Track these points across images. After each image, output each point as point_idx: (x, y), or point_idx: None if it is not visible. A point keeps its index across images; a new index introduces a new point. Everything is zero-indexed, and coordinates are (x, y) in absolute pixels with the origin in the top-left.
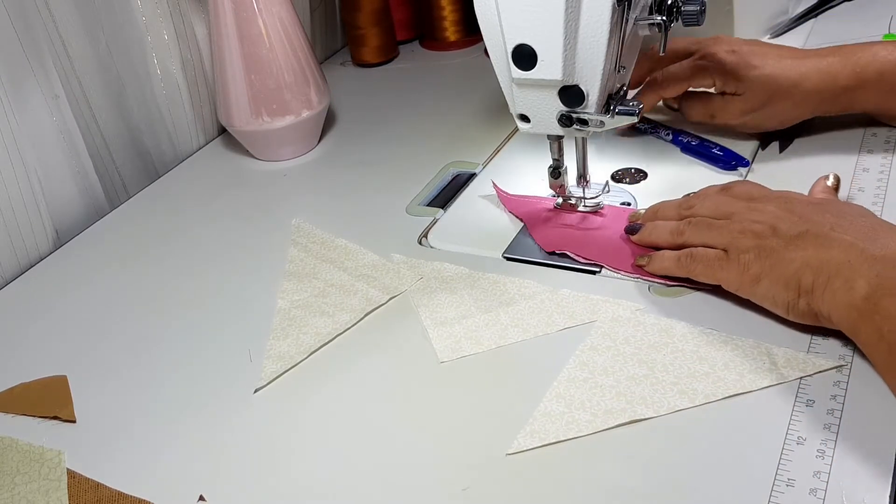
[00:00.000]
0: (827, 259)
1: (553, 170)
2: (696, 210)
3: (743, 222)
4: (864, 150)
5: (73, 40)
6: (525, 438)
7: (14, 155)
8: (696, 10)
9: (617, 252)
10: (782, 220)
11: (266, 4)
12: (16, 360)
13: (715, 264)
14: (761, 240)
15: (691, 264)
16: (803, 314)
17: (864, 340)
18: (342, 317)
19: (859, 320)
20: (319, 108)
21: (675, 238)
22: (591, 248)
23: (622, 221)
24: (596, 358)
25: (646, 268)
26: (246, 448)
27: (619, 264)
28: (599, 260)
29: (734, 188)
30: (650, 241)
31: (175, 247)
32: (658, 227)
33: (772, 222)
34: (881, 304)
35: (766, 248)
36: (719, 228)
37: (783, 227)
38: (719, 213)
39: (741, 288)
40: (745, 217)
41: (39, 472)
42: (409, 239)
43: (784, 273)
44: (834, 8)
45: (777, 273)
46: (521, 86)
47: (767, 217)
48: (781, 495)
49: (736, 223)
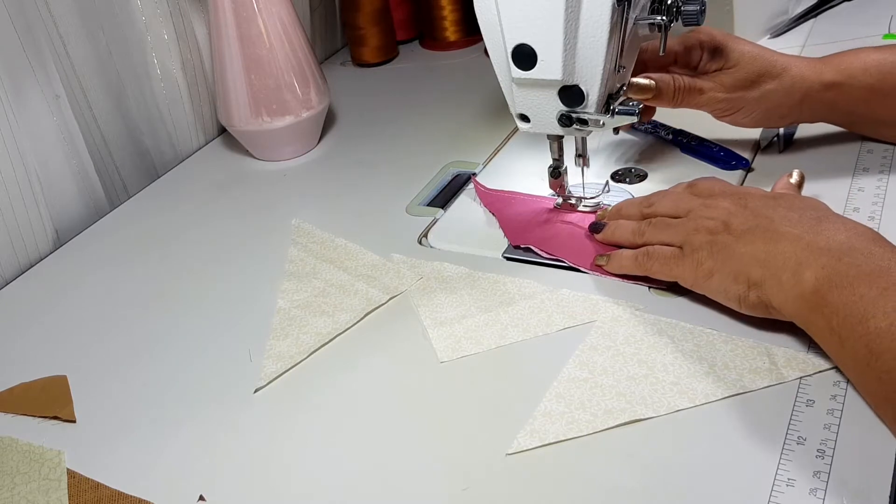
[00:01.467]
0: (775, 252)
1: (553, 170)
2: (655, 208)
3: (697, 219)
4: (863, 151)
5: (73, 40)
6: (525, 438)
7: (14, 155)
8: (696, 10)
9: (580, 249)
10: (734, 215)
11: (266, 4)
12: (16, 360)
13: (671, 262)
14: (714, 235)
15: (647, 262)
16: (754, 306)
17: (816, 333)
18: (342, 317)
19: (809, 313)
20: (319, 108)
21: (636, 238)
22: (555, 244)
23: (583, 218)
24: (596, 358)
25: (605, 267)
26: (246, 448)
27: (580, 261)
28: (562, 256)
29: (697, 185)
30: (613, 240)
31: (175, 247)
32: (620, 227)
33: (724, 218)
34: (828, 298)
35: (718, 244)
36: (675, 227)
37: (735, 222)
38: (677, 210)
39: (695, 283)
40: (700, 214)
41: (39, 472)
42: (409, 239)
43: (734, 267)
44: (834, 8)
45: (728, 268)
46: (521, 86)
47: (720, 213)
48: (781, 495)
49: (691, 220)
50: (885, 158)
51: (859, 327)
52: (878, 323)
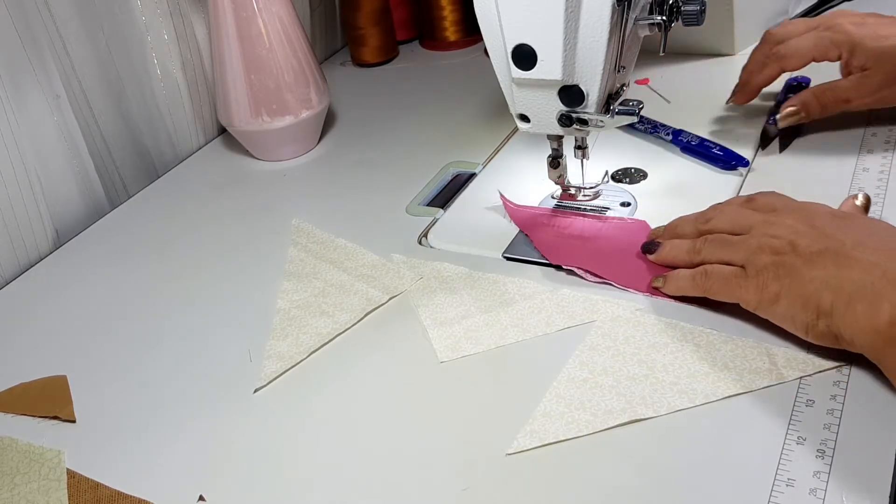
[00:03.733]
0: (848, 279)
1: (552, 160)
2: (713, 224)
3: (761, 237)
4: (863, 150)
5: (73, 40)
6: (525, 438)
7: (14, 155)
8: (696, 10)
9: (632, 270)
10: (802, 235)
11: (266, 4)
12: (16, 360)
13: (732, 282)
14: (780, 256)
15: (707, 282)
16: (822, 336)
17: (890, 368)
18: (342, 317)
19: (885, 346)
20: (319, 108)
21: (693, 257)
22: (603, 265)
23: (627, 232)
24: (596, 358)
25: (662, 289)
26: (246, 448)
27: (634, 284)
28: (612, 279)
29: (756, 199)
30: (668, 261)
31: (175, 247)
32: (675, 246)
33: (791, 237)
34: None
35: (784, 266)
36: (736, 244)
37: (803, 242)
38: (737, 227)
39: (759, 307)
40: (763, 231)
41: (39, 472)
42: (409, 239)
43: (803, 293)
44: (833, 8)
45: (796, 292)
46: (520, 86)
47: (786, 231)
48: (781, 495)
49: (754, 238)
50: (885, 158)
51: None
52: None
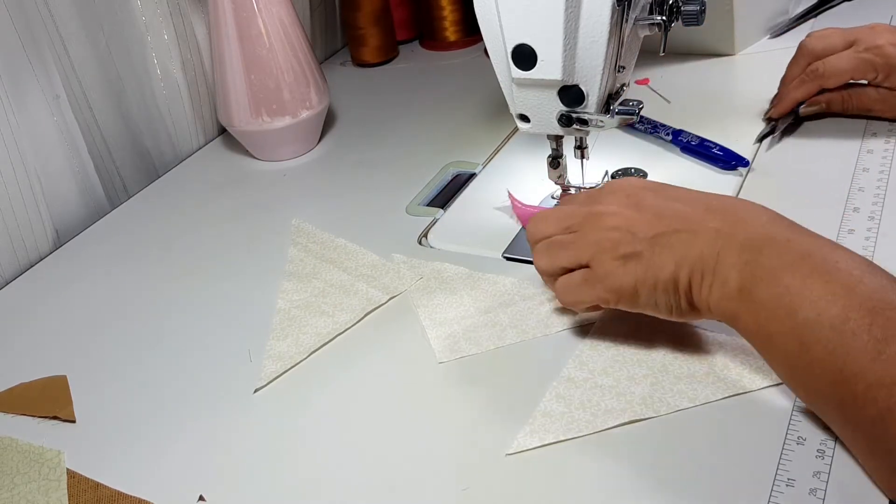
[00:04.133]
0: (696, 254)
1: (552, 160)
2: (541, 230)
3: (597, 231)
4: (863, 150)
5: (73, 40)
6: (525, 438)
7: (14, 155)
8: (696, 10)
9: None
10: (635, 221)
11: (266, 4)
12: (16, 359)
13: (584, 289)
14: (623, 248)
15: (565, 298)
16: (686, 313)
17: (745, 331)
18: (342, 317)
19: (737, 311)
20: (319, 108)
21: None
22: None
23: None
24: (596, 358)
25: None
26: (246, 448)
27: None
28: None
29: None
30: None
31: (175, 247)
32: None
33: (626, 226)
34: (754, 293)
35: (632, 257)
36: (573, 245)
37: (640, 228)
38: (564, 226)
39: (620, 303)
40: (597, 225)
41: (39, 472)
42: (409, 239)
43: (658, 278)
44: (833, 8)
45: (651, 280)
46: (520, 86)
47: (620, 221)
48: (781, 495)
49: (590, 233)
50: (885, 158)
51: (788, 321)
52: (807, 314)
